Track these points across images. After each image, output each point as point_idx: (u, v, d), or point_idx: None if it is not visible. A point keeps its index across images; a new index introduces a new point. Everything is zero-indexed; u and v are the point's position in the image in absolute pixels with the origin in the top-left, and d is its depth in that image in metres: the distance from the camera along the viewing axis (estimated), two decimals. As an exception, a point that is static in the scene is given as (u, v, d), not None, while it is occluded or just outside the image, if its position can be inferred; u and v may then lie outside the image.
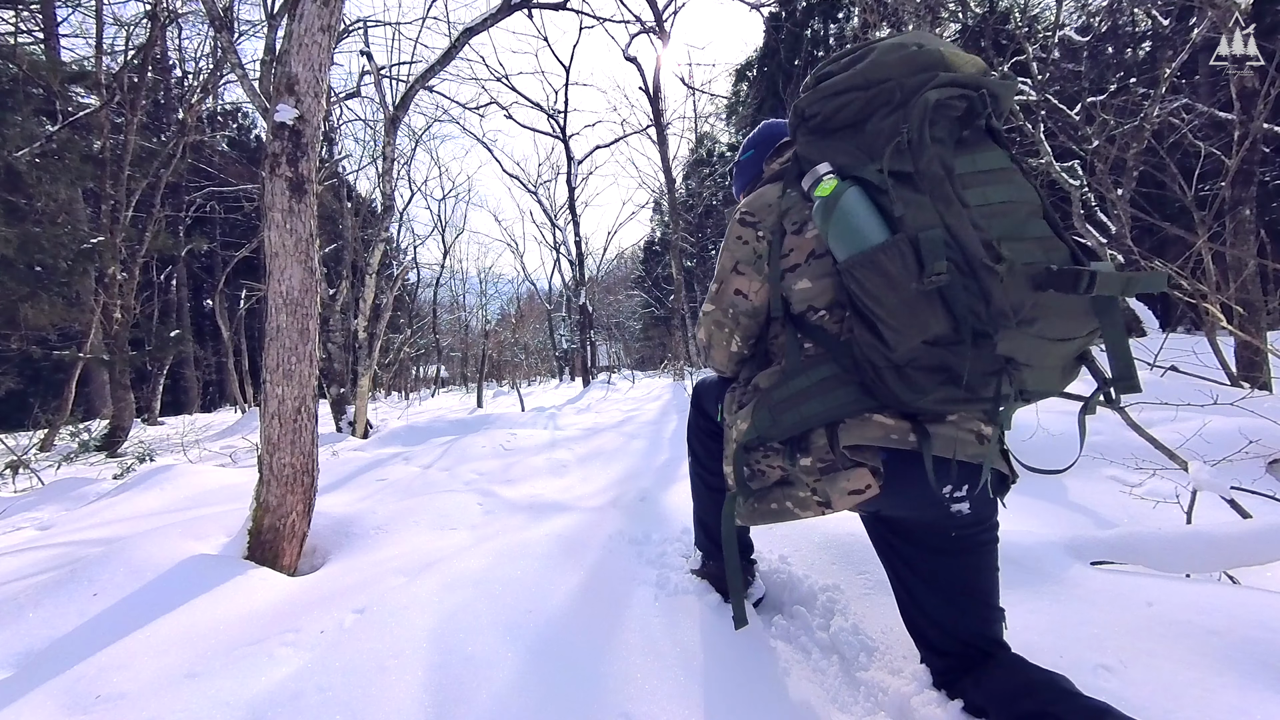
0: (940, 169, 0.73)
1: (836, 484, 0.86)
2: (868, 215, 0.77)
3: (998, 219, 0.73)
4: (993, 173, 0.76)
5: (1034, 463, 0.96)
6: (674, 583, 1.49)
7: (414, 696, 1.04)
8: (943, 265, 0.70)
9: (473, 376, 20.56)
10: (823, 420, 0.86)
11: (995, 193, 0.75)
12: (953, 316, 0.73)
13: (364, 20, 7.14)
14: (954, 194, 0.72)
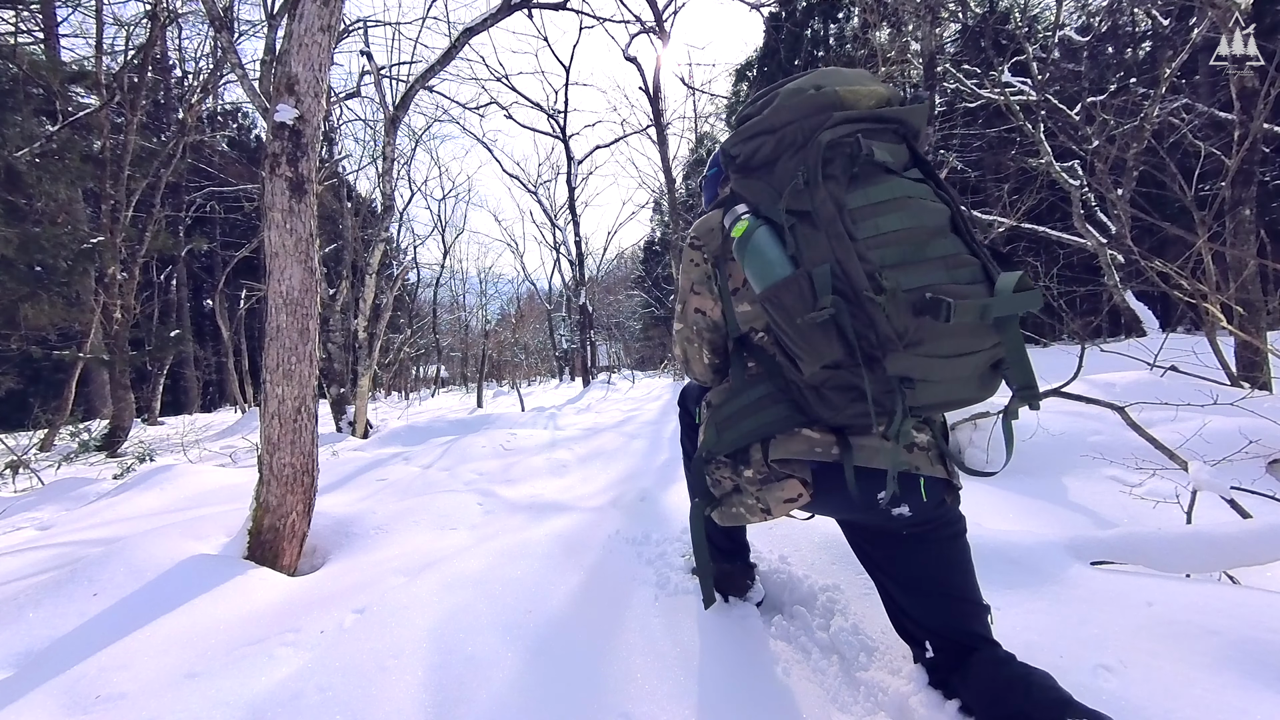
0: (832, 206, 0.78)
1: (773, 494, 0.93)
2: (775, 252, 0.83)
3: (891, 247, 0.77)
4: (887, 203, 0.80)
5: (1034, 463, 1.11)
6: (674, 583, 1.49)
7: (414, 696, 1.04)
8: (828, 300, 0.76)
9: (473, 376, 20.56)
10: (757, 436, 0.94)
11: (887, 222, 0.78)
12: (847, 342, 0.78)
13: (364, 20, 7.14)
14: (844, 229, 0.77)
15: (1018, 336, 0.77)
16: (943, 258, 0.78)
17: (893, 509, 0.91)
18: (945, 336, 0.76)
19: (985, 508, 1.91)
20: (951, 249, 0.79)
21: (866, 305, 0.74)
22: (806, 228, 0.81)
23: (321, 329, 3.19)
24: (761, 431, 0.93)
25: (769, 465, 0.93)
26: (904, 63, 7.61)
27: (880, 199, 0.80)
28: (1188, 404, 2.22)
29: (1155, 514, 1.75)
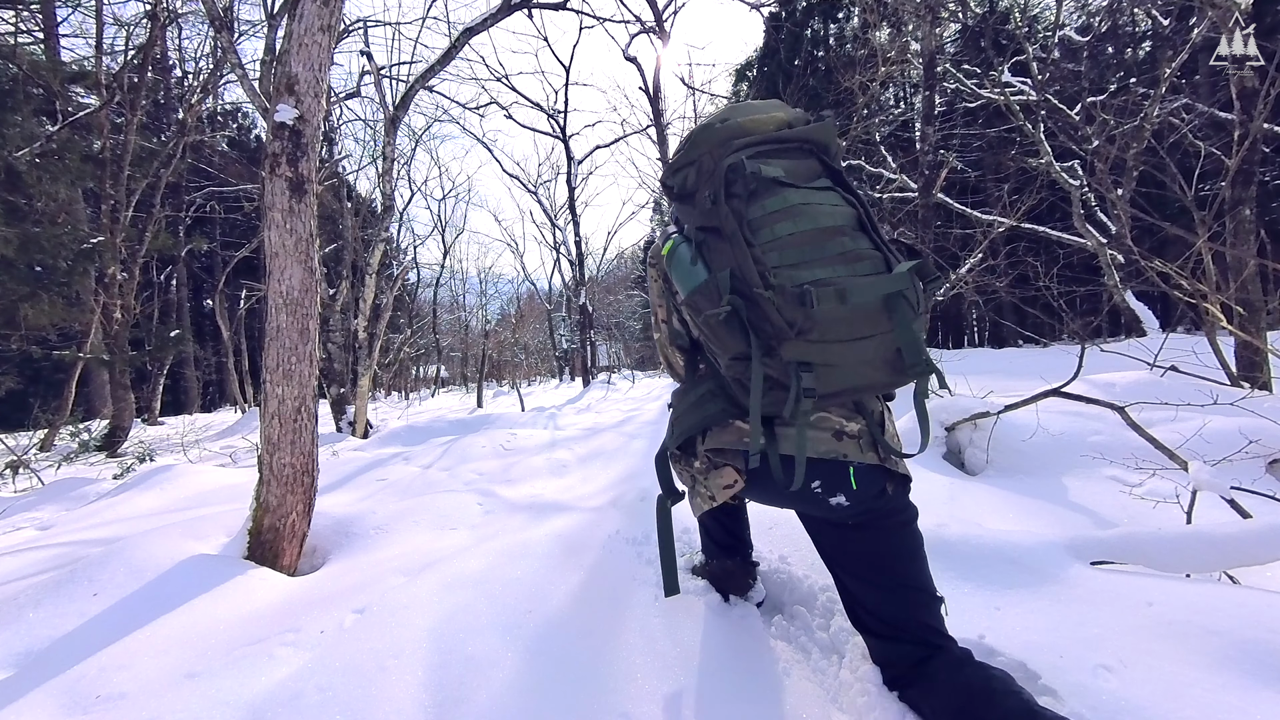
0: (733, 220, 0.89)
1: (714, 482, 1.03)
2: (694, 263, 0.95)
3: (789, 249, 0.87)
4: (779, 212, 0.89)
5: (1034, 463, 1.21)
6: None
7: (414, 696, 1.04)
8: (728, 298, 0.86)
9: (473, 376, 20.56)
10: (698, 429, 1.05)
11: (782, 228, 0.88)
12: (747, 335, 0.86)
13: (364, 20, 7.14)
14: (742, 237, 0.88)
15: (905, 318, 0.84)
16: (842, 254, 0.87)
17: (830, 499, 0.96)
18: (836, 323, 0.83)
19: (985, 508, 1.91)
20: (851, 245, 0.88)
21: (760, 301, 0.83)
22: (715, 239, 0.92)
23: (321, 329, 3.19)
24: (701, 424, 1.04)
25: (707, 455, 1.04)
26: (904, 63, 7.61)
27: (775, 209, 0.90)
28: (1188, 404, 2.22)
29: (1155, 514, 1.75)
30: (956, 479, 2.19)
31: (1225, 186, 3.21)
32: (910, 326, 0.84)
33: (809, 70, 12.17)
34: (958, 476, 2.25)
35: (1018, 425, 2.35)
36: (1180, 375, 2.59)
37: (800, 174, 0.95)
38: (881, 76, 6.95)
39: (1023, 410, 2.33)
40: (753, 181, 0.91)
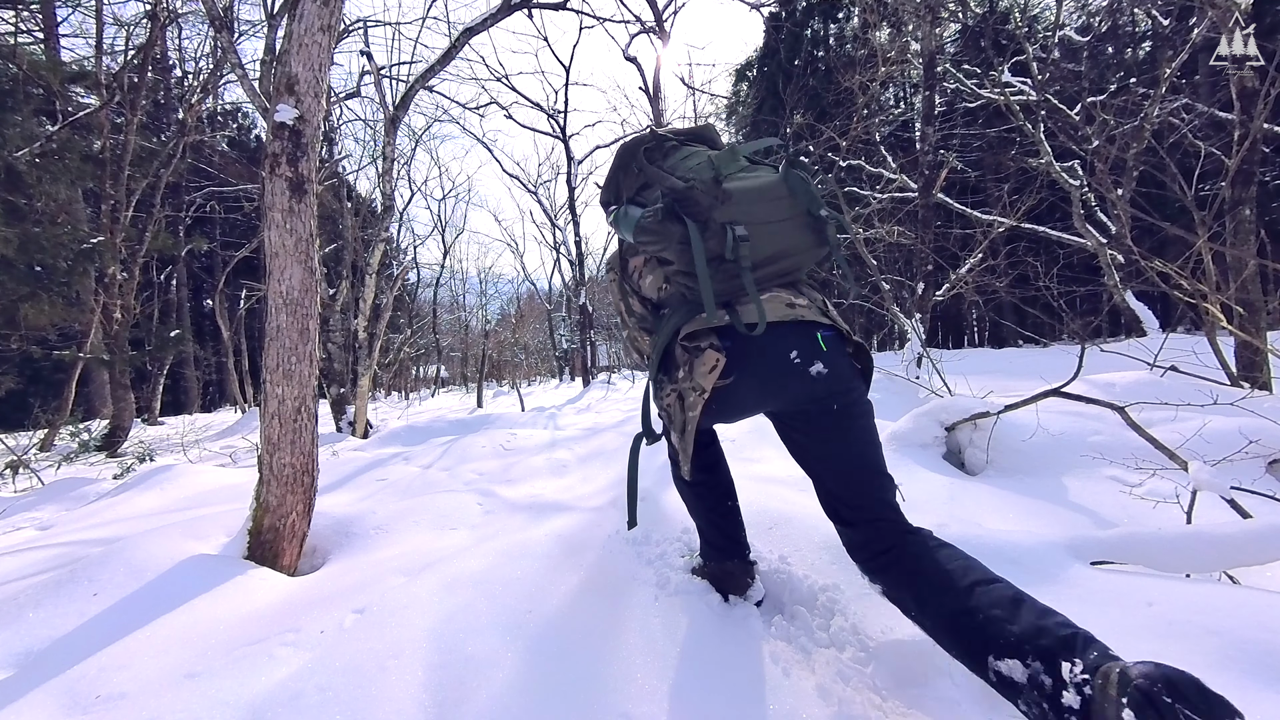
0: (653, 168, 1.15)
1: (697, 371, 1.08)
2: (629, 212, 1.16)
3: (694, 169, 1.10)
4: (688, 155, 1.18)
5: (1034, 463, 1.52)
6: (674, 583, 1.49)
7: (414, 696, 1.04)
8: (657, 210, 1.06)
9: (473, 376, 20.56)
10: (671, 333, 1.15)
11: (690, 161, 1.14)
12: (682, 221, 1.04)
13: (364, 20, 7.14)
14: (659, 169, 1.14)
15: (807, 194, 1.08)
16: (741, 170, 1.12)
17: (809, 368, 1.06)
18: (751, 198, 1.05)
19: (985, 508, 1.91)
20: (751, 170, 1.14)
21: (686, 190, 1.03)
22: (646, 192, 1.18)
23: (321, 329, 3.19)
24: (673, 329, 1.15)
25: (683, 348, 1.12)
26: (904, 63, 7.61)
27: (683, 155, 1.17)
28: (1188, 404, 2.22)
29: (1155, 514, 1.75)
30: (956, 479, 2.19)
31: (1225, 186, 3.21)
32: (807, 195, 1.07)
33: (809, 70, 12.18)
34: (958, 476, 2.25)
35: (1018, 425, 2.35)
36: (1180, 375, 2.59)
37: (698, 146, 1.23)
38: (881, 76, 6.95)
39: (1023, 410, 2.33)
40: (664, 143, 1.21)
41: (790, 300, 1.10)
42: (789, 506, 1.86)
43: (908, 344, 4.67)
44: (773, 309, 1.06)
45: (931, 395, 3.62)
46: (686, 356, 1.11)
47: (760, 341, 1.03)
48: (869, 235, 6.83)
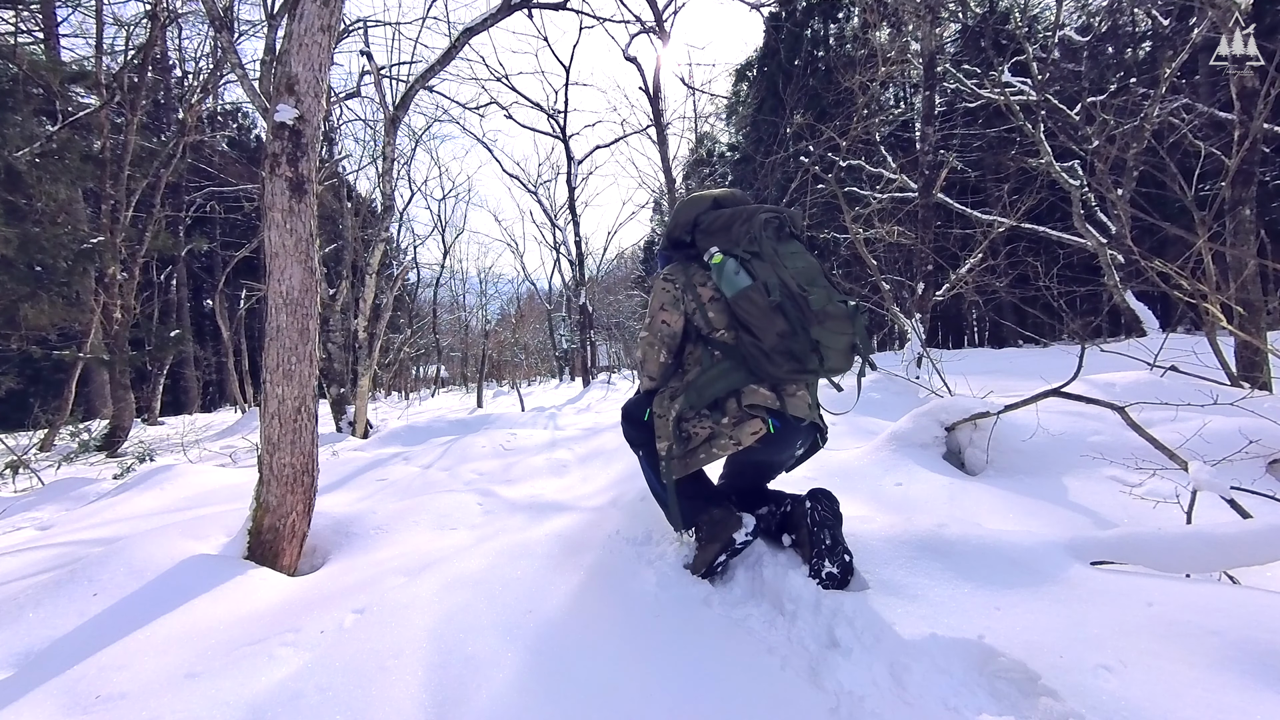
0: (772, 250, 1.42)
1: (743, 429, 1.40)
2: (739, 272, 1.39)
3: (801, 275, 1.39)
4: (795, 255, 1.44)
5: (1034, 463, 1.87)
6: (674, 582, 1.49)
7: (414, 696, 1.04)
8: (778, 295, 1.34)
9: (473, 376, 20.56)
10: (730, 390, 1.42)
11: (795, 262, 1.42)
12: (788, 321, 1.33)
13: (364, 20, 7.14)
14: (780, 261, 1.39)
15: (861, 327, 1.38)
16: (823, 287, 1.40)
17: (797, 451, 1.55)
18: (834, 322, 1.34)
19: (985, 508, 1.91)
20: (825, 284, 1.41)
21: (799, 300, 1.33)
22: (757, 261, 1.40)
23: (321, 329, 3.19)
24: (733, 386, 1.42)
25: (742, 409, 1.41)
26: (904, 63, 7.61)
27: (791, 251, 1.45)
28: (1188, 404, 2.22)
29: (1155, 514, 1.75)
30: (956, 479, 2.19)
31: (1225, 186, 3.21)
32: (864, 332, 1.39)
33: (809, 70, 12.18)
34: (958, 476, 2.25)
35: (1018, 425, 2.35)
36: (1180, 375, 2.59)
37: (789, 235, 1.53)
38: (881, 76, 6.95)
39: (1023, 410, 2.33)
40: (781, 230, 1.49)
41: (809, 401, 1.47)
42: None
43: (908, 344, 4.67)
44: (801, 408, 1.42)
45: (931, 395, 3.62)
46: (739, 414, 1.41)
47: (792, 429, 1.42)
48: (869, 235, 6.82)
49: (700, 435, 1.45)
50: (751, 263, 1.39)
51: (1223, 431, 2.00)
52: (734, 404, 1.41)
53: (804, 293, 1.33)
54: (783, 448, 1.45)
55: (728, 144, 20.44)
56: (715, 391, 1.42)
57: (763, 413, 1.39)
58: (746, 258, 1.40)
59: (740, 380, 1.40)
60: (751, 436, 1.38)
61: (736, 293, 1.37)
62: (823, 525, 1.36)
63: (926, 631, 1.20)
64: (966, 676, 1.10)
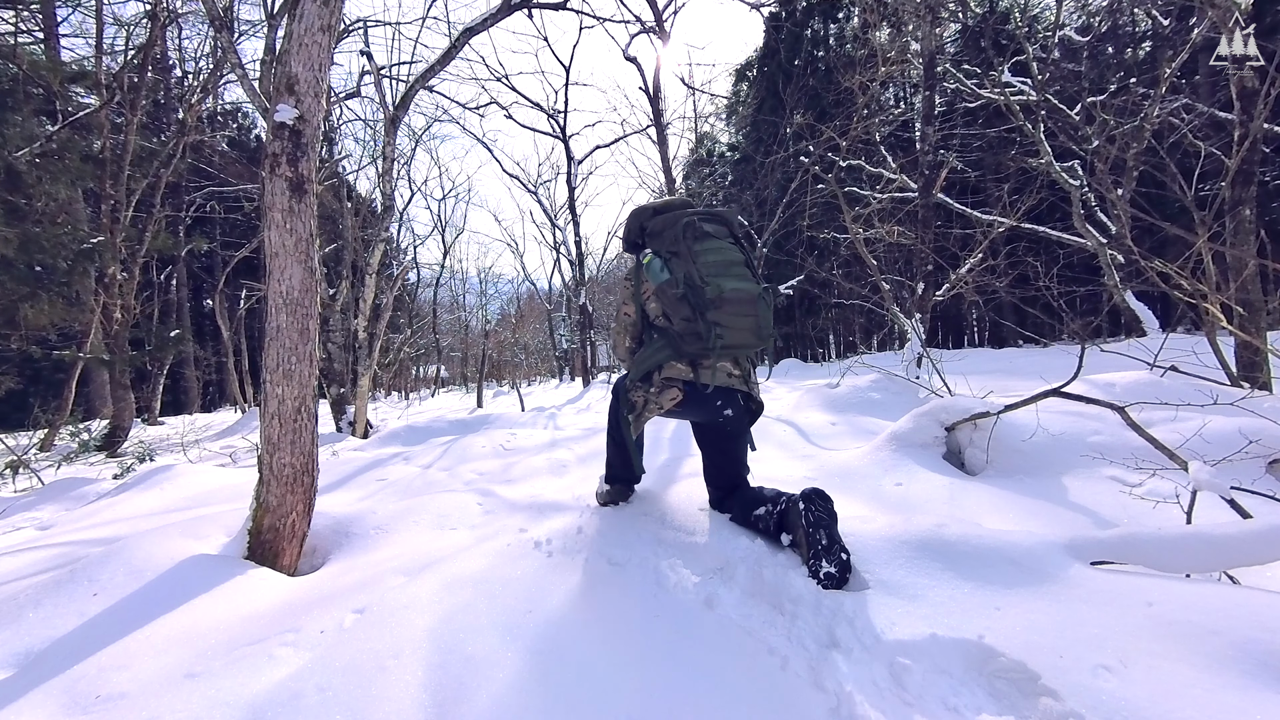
0: (688, 248, 1.64)
1: (664, 396, 1.69)
2: (662, 269, 1.67)
3: (712, 268, 1.62)
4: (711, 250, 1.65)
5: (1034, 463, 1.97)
6: (673, 581, 1.49)
7: (414, 696, 1.04)
8: (682, 287, 1.60)
9: (473, 376, 20.56)
10: (655, 365, 1.69)
11: (710, 257, 1.64)
12: (691, 308, 1.59)
13: (364, 20, 7.14)
14: (693, 258, 1.62)
15: (764, 310, 1.63)
16: (737, 275, 1.63)
17: (724, 410, 1.69)
18: (737, 306, 1.58)
19: (985, 508, 1.91)
20: (742, 272, 1.65)
21: (698, 290, 1.58)
22: (675, 260, 1.66)
23: (321, 329, 3.19)
24: (656, 362, 1.69)
25: (662, 380, 1.69)
26: (904, 63, 7.61)
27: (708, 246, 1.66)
28: (1188, 404, 2.22)
29: (1155, 514, 1.75)
30: (956, 479, 2.19)
31: (1225, 186, 3.21)
32: (769, 313, 1.64)
33: (809, 70, 12.17)
34: (958, 476, 2.25)
35: (1018, 425, 2.35)
36: (1180, 375, 2.59)
37: (720, 232, 1.73)
38: (881, 76, 6.94)
39: (1023, 410, 2.33)
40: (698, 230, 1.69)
41: (730, 370, 1.69)
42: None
43: (908, 344, 4.67)
44: (719, 376, 1.66)
45: (931, 395, 3.62)
46: (660, 383, 1.70)
47: (705, 393, 1.67)
48: (869, 235, 6.82)
49: (639, 402, 1.74)
50: (671, 260, 1.65)
51: (1223, 431, 2.00)
52: (657, 375, 1.69)
53: (704, 284, 1.56)
54: (698, 410, 1.71)
55: (728, 144, 20.44)
56: (647, 366, 1.70)
57: (678, 383, 1.68)
58: (668, 256, 1.67)
59: (665, 357, 1.67)
60: (670, 401, 1.69)
61: (657, 286, 1.65)
62: (818, 525, 1.42)
63: (926, 631, 1.20)
64: (966, 676, 1.10)
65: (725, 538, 1.75)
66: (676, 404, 1.68)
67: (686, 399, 1.67)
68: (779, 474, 2.42)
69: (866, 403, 3.82)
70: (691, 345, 1.60)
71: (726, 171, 19.26)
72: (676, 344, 1.64)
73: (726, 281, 1.57)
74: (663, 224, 1.74)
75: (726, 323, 1.56)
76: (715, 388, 1.65)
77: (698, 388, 1.65)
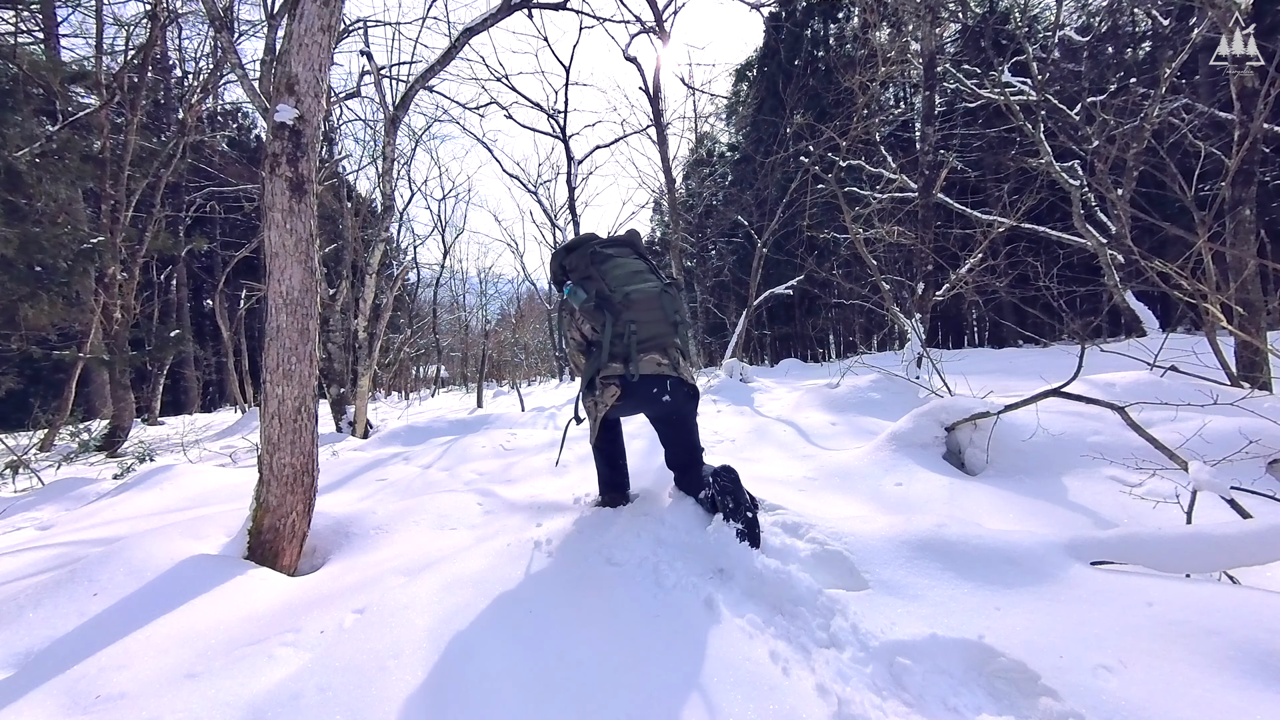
0: (594, 271, 1.91)
1: (605, 396, 1.88)
2: (577, 291, 1.90)
3: (618, 280, 1.89)
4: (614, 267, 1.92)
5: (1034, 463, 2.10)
6: (673, 581, 1.49)
7: (414, 696, 1.04)
8: (593, 300, 1.86)
9: (473, 376, 20.56)
10: (594, 372, 1.89)
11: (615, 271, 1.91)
12: (605, 314, 1.84)
13: (364, 20, 7.14)
14: (599, 276, 1.89)
15: (671, 304, 1.91)
16: (641, 283, 1.90)
17: (662, 397, 1.86)
18: (642, 304, 1.85)
19: (985, 508, 1.91)
20: (647, 279, 1.92)
21: (607, 298, 1.85)
22: (586, 281, 1.92)
23: (321, 329, 3.19)
24: (595, 368, 1.88)
25: (600, 383, 1.88)
26: (904, 63, 7.60)
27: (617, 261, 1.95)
28: (1188, 404, 2.22)
29: (1155, 514, 1.75)
30: (956, 479, 2.19)
31: (1225, 186, 3.21)
32: (671, 305, 1.90)
33: (809, 70, 12.17)
34: (958, 476, 2.25)
35: (1018, 425, 2.35)
36: (1180, 375, 2.59)
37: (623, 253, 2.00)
38: (881, 76, 6.94)
39: (1023, 410, 2.33)
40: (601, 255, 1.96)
41: (658, 360, 1.86)
42: (785, 504, 1.86)
43: (908, 344, 4.67)
44: (646, 366, 1.84)
45: (931, 395, 3.62)
46: (601, 386, 1.89)
47: (637, 384, 1.84)
48: (869, 235, 6.82)
49: (590, 407, 1.98)
50: (583, 283, 1.93)
51: (1223, 431, 2.00)
52: (598, 380, 1.90)
53: (611, 293, 1.84)
54: (637, 400, 1.90)
55: (728, 144, 20.44)
56: (589, 375, 1.92)
57: (614, 380, 1.87)
58: (582, 281, 1.94)
59: (602, 362, 1.87)
60: (612, 398, 1.88)
61: (580, 306, 1.91)
62: (724, 493, 1.70)
63: (926, 631, 1.20)
64: (966, 676, 1.10)
65: (725, 538, 1.75)
66: (618, 399, 1.87)
67: (625, 392, 1.86)
68: (779, 474, 2.42)
69: (866, 403, 3.82)
70: (618, 346, 1.84)
71: (726, 171, 19.26)
72: (608, 349, 1.86)
73: (630, 286, 1.87)
74: (575, 259, 2.01)
75: (638, 318, 1.83)
76: (644, 376, 1.83)
77: (629, 379, 1.84)
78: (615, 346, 1.84)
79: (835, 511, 1.91)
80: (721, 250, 17.60)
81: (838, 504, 2.05)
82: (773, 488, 2.13)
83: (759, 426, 3.59)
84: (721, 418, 4.11)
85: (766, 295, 9.55)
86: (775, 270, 13.64)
